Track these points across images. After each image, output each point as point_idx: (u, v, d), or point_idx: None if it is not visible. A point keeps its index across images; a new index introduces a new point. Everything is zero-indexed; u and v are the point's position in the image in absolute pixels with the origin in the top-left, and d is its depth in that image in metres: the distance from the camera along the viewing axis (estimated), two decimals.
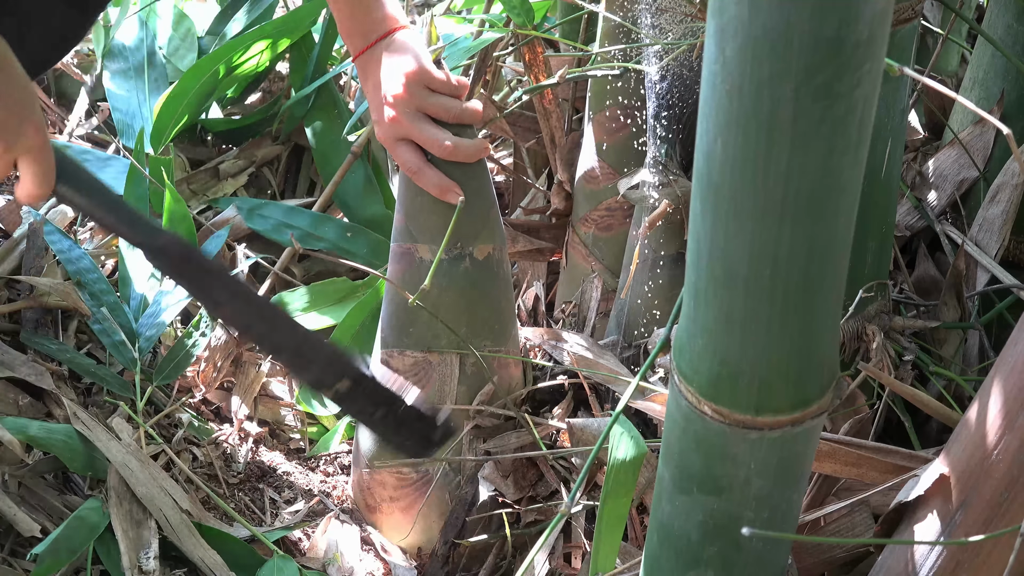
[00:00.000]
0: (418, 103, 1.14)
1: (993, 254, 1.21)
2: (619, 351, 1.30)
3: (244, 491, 1.34)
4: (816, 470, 0.94)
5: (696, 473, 0.73)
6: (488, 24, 1.66)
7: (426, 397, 1.20)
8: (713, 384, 0.67)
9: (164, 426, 1.35)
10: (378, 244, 1.63)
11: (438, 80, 1.15)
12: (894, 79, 1.00)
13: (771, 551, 0.79)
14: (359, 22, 1.17)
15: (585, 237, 1.42)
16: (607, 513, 0.91)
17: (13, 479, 1.18)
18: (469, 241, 1.18)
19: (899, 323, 1.12)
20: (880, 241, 1.11)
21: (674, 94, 1.14)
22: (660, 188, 1.17)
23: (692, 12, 1.08)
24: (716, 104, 0.56)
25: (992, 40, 1.24)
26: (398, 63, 1.15)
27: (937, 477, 0.75)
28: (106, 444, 1.21)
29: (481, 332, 1.21)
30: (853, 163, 0.56)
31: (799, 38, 0.51)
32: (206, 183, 1.76)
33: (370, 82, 1.17)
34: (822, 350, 0.66)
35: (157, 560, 1.14)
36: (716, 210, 0.59)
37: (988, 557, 0.74)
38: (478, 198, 1.17)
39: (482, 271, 1.20)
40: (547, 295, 1.53)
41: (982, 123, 1.31)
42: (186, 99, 1.66)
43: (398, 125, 1.14)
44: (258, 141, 1.82)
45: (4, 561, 1.11)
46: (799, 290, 0.60)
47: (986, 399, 0.72)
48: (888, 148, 1.04)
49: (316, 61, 1.78)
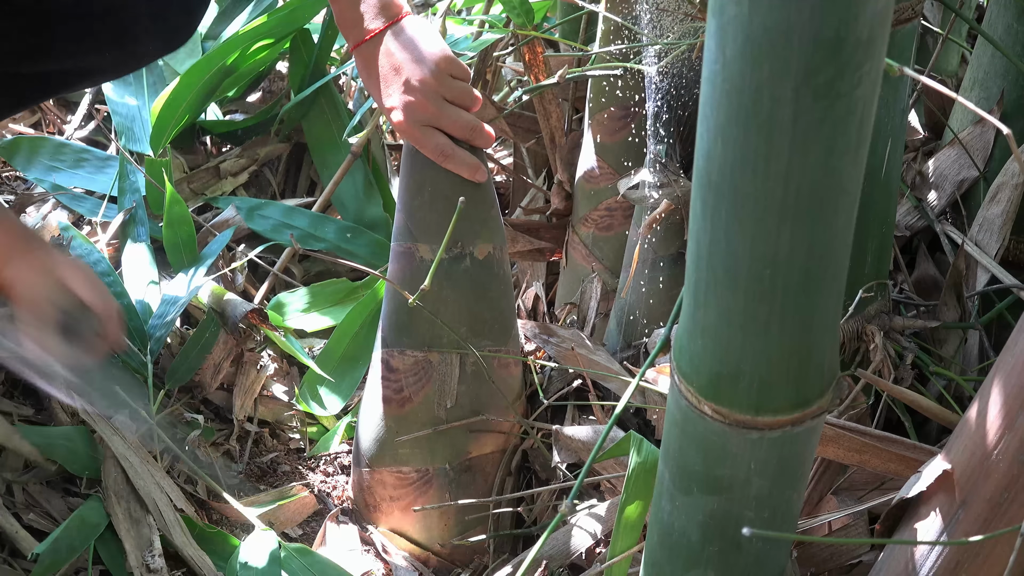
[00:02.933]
0: (444, 89, 1.12)
1: (993, 254, 1.21)
2: (619, 351, 1.31)
3: (244, 491, 1.34)
4: (820, 455, 0.94)
5: (696, 473, 0.73)
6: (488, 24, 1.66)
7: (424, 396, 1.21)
8: (713, 384, 0.67)
9: (162, 425, 1.35)
10: (378, 244, 1.63)
11: (459, 66, 1.14)
12: (894, 79, 1.00)
13: (771, 551, 0.79)
14: (363, 11, 1.14)
15: (585, 237, 1.42)
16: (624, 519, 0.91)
17: (17, 485, 1.19)
18: (470, 241, 1.18)
19: (899, 323, 1.12)
20: (880, 241, 1.10)
21: (674, 94, 1.14)
22: (660, 188, 1.17)
23: (692, 12, 1.08)
24: (716, 104, 0.56)
25: (992, 40, 1.24)
26: (420, 48, 1.12)
27: (940, 474, 0.75)
28: (109, 436, 1.21)
29: (481, 332, 1.21)
30: (853, 163, 0.56)
31: (799, 38, 0.51)
32: (207, 182, 1.76)
33: (382, 66, 1.14)
34: (822, 350, 0.66)
35: (163, 558, 1.14)
36: (716, 210, 0.59)
37: (988, 557, 0.74)
38: (479, 198, 1.17)
39: (483, 271, 1.20)
40: (547, 295, 1.53)
41: (982, 123, 1.31)
42: (185, 100, 1.66)
43: (423, 110, 1.12)
44: (262, 140, 1.81)
45: (5, 561, 1.11)
46: (799, 290, 0.60)
47: (986, 399, 0.72)
48: (888, 148, 1.04)
49: (316, 61, 1.78)
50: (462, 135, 1.14)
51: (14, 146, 1.67)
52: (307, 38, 1.78)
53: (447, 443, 1.23)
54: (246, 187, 1.80)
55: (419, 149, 1.15)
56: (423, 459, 1.24)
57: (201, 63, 1.68)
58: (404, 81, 1.12)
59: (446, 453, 1.24)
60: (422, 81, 1.11)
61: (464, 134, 1.14)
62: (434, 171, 1.16)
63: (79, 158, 1.66)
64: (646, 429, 1.21)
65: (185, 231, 1.52)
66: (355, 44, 1.16)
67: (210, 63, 1.68)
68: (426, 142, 1.14)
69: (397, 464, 1.24)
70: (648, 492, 0.90)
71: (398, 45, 1.13)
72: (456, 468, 1.24)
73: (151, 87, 1.80)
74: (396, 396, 1.23)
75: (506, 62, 1.74)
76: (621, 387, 1.21)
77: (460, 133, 1.14)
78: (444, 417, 1.22)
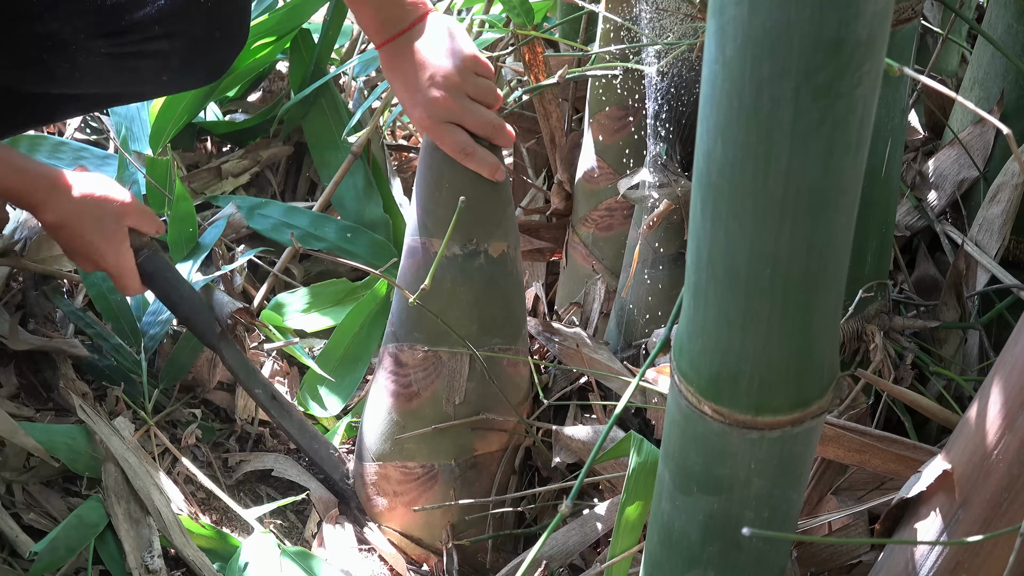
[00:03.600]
0: (468, 86, 1.12)
1: (993, 254, 1.21)
2: (619, 351, 1.31)
3: (244, 491, 1.34)
4: (820, 455, 0.95)
5: (696, 473, 0.73)
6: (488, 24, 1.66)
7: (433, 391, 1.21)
8: (713, 384, 0.67)
9: (162, 426, 1.35)
10: (378, 244, 1.63)
11: (483, 64, 1.14)
12: (894, 79, 1.00)
13: (771, 551, 0.79)
14: (387, 10, 1.14)
15: (585, 237, 1.42)
16: (624, 519, 0.91)
17: (17, 484, 1.18)
18: (484, 238, 1.18)
19: (899, 323, 1.12)
20: (880, 241, 1.10)
21: (674, 94, 1.14)
22: (660, 188, 1.17)
23: (692, 12, 1.08)
24: (716, 104, 0.56)
25: (992, 40, 1.24)
26: (446, 44, 1.12)
27: (940, 474, 0.75)
28: (108, 436, 1.21)
29: (492, 330, 1.21)
30: (853, 163, 0.56)
31: (799, 38, 0.51)
32: (208, 182, 1.76)
33: (406, 65, 1.14)
34: (822, 350, 0.66)
35: (162, 558, 1.14)
36: (716, 210, 0.59)
37: (988, 557, 0.73)
38: (496, 196, 1.18)
39: (496, 268, 1.20)
40: (547, 295, 1.53)
41: (982, 123, 1.31)
42: (185, 100, 1.66)
43: (448, 107, 1.12)
44: (264, 142, 1.81)
45: (4, 561, 1.11)
46: (799, 290, 0.60)
47: (986, 399, 0.72)
48: (888, 148, 1.04)
49: (316, 61, 1.78)
50: (484, 133, 1.14)
51: (13, 144, 1.67)
52: (307, 38, 1.78)
53: (453, 440, 1.23)
54: (246, 187, 1.80)
55: (440, 146, 1.15)
56: (429, 455, 1.24)
57: None
58: (429, 77, 1.12)
59: (452, 449, 1.24)
60: (447, 77, 1.11)
61: (486, 132, 1.14)
62: (452, 167, 1.15)
63: (78, 156, 1.66)
64: (646, 429, 1.22)
65: (189, 228, 1.52)
66: (380, 43, 1.16)
67: None
68: (448, 139, 1.13)
69: (403, 459, 1.24)
70: (648, 492, 0.90)
71: (424, 43, 1.13)
72: (462, 465, 1.24)
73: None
74: (405, 391, 1.23)
75: (506, 62, 1.74)
76: (622, 387, 1.21)
77: (483, 131, 1.14)
78: (452, 413, 1.22)
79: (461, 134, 1.13)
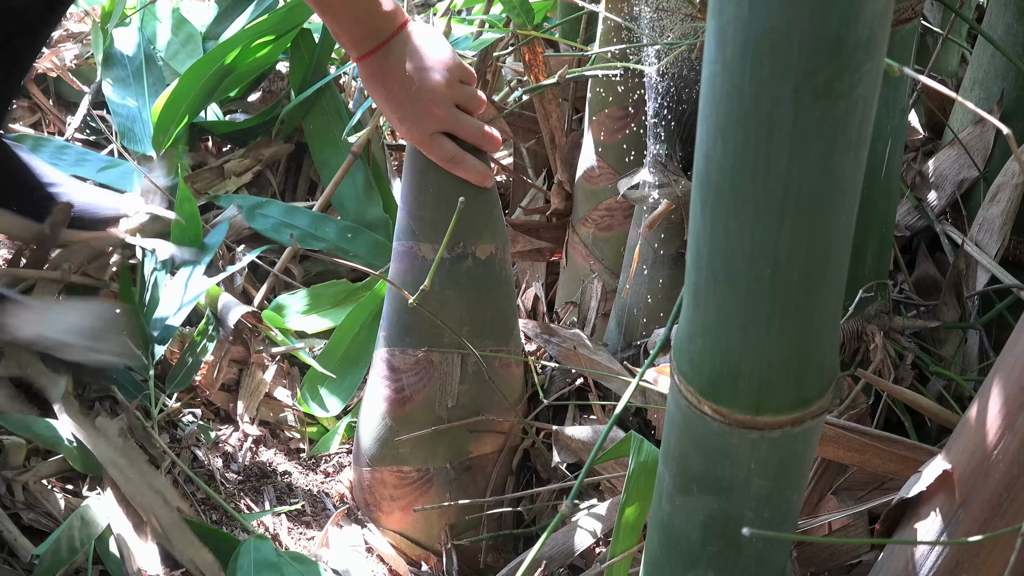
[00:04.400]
0: (455, 96, 1.12)
1: (993, 254, 1.21)
2: (619, 351, 1.31)
3: (244, 492, 1.34)
4: (820, 455, 0.94)
5: (696, 473, 0.73)
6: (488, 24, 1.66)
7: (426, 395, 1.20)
8: (713, 384, 0.67)
9: (162, 426, 1.35)
10: (378, 245, 1.63)
11: (467, 71, 1.14)
12: (894, 79, 1.00)
13: (771, 551, 0.79)
14: (365, 23, 1.10)
15: (585, 237, 1.42)
16: (624, 520, 0.91)
17: (17, 484, 1.18)
18: (472, 241, 1.18)
19: (899, 323, 1.12)
20: (880, 241, 1.10)
21: (674, 94, 1.14)
22: (660, 188, 1.17)
23: (692, 12, 1.08)
24: (716, 104, 0.56)
25: (992, 40, 1.24)
26: (429, 55, 1.11)
27: (940, 474, 0.75)
28: (94, 441, 1.21)
29: (483, 332, 1.21)
30: (853, 163, 0.56)
31: (799, 38, 0.51)
32: (210, 182, 1.76)
33: (389, 79, 1.11)
34: (822, 350, 0.66)
35: (162, 559, 1.14)
36: (716, 210, 0.59)
37: (988, 557, 0.73)
38: (482, 198, 1.18)
39: (485, 271, 1.20)
40: (547, 295, 1.53)
41: (982, 123, 1.31)
42: (186, 100, 1.66)
43: (439, 119, 1.12)
44: (265, 140, 1.81)
45: (4, 561, 1.11)
46: (799, 290, 0.60)
47: (986, 399, 0.72)
48: (888, 148, 1.04)
49: (316, 61, 1.78)
50: (473, 141, 1.14)
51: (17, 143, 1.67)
52: (308, 38, 1.78)
53: (448, 443, 1.23)
54: (247, 187, 1.80)
55: (429, 156, 1.14)
56: (424, 458, 1.24)
57: (201, 63, 1.68)
58: (416, 90, 1.10)
59: (447, 453, 1.24)
60: (434, 89, 1.10)
61: (475, 140, 1.14)
62: (437, 171, 1.15)
63: (81, 159, 1.66)
64: (646, 429, 1.22)
65: (193, 228, 1.52)
66: (360, 57, 1.12)
67: (210, 63, 1.68)
68: (436, 149, 1.13)
69: (398, 463, 1.25)
70: (648, 492, 0.90)
71: (406, 54, 1.11)
72: (457, 468, 1.24)
73: (151, 88, 1.80)
74: (397, 395, 1.23)
75: (506, 62, 1.74)
76: (622, 387, 1.21)
77: (472, 139, 1.13)
78: (445, 417, 1.22)
79: (450, 144, 1.13)
